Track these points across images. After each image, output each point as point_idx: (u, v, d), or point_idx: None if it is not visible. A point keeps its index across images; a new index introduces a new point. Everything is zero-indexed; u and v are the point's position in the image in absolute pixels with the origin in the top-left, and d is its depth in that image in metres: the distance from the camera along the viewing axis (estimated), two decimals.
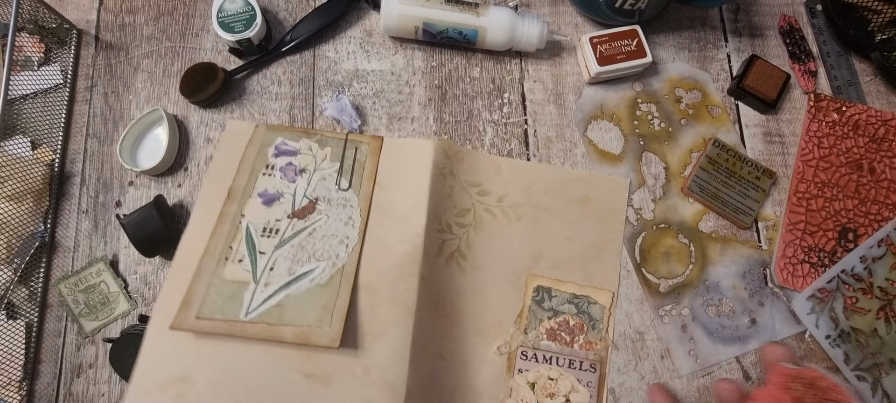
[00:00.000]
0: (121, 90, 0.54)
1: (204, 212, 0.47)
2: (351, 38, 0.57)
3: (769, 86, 0.54)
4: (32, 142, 0.52)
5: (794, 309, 0.50)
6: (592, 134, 0.54)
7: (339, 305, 0.43)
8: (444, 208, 0.49)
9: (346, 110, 0.52)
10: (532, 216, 0.50)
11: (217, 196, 0.48)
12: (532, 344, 0.47)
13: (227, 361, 0.42)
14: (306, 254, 0.46)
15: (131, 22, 0.56)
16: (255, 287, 0.44)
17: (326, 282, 0.44)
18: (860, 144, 0.53)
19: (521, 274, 0.49)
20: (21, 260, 0.48)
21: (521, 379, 0.46)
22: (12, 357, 0.47)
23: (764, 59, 0.55)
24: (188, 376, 0.41)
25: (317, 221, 0.47)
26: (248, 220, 0.47)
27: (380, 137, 0.51)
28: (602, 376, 0.47)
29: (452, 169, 0.50)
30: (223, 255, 0.45)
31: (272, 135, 0.51)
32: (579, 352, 0.47)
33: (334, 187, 0.49)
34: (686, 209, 0.52)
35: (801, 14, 0.59)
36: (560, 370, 0.47)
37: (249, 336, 0.42)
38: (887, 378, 0.47)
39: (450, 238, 0.48)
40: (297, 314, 0.42)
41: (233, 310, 0.42)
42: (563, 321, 0.48)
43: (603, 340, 0.48)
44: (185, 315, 0.42)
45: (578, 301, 0.49)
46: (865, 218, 0.52)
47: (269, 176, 0.49)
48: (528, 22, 0.53)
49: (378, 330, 0.43)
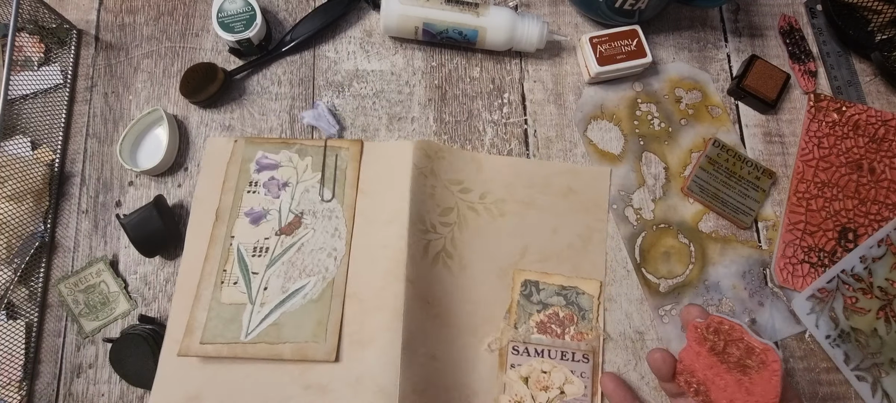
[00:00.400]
0: (121, 90, 0.54)
1: (196, 236, 0.48)
2: (351, 38, 0.57)
3: (769, 87, 0.54)
4: (32, 142, 0.52)
5: (793, 309, 0.50)
6: (592, 134, 0.54)
7: (332, 319, 0.45)
8: (427, 208, 0.49)
9: (323, 117, 0.52)
10: (516, 211, 0.51)
11: (206, 218, 0.49)
12: (523, 339, 0.47)
13: (232, 379, 0.44)
14: (297, 271, 0.47)
15: (131, 22, 0.56)
16: (251, 308, 0.46)
17: (318, 297, 0.46)
18: (860, 144, 0.53)
19: (507, 269, 0.49)
20: (21, 260, 0.48)
21: (513, 374, 0.46)
22: (12, 357, 0.47)
23: (764, 59, 0.55)
24: (199, 396, 0.44)
25: (304, 236, 0.48)
26: (238, 241, 0.48)
27: (359, 141, 0.52)
28: (595, 366, 0.47)
29: (433, 168, 0.50)
30: (219, 279, 0.47)
31: (252, 150, 0.51)
32: (571, 344, 0.47)
33: (318, 199, 0.49)
34: (686, 209, 0.52)
35: (801, 14, 0.59)
36: (552, 362, 0.47)
37: (251, 356, 0.44)
38: (887, 378, 0.47)
39: (435, 238, 0.48)
40: (294, 331, 0.45)
41: (233, 333, 0.45)
42: (553, 313, 0.48)
43: (594, 330, 0.48)
44: (190, 341, 0.44)
45: (567, 292, 0.49)
46: (865, 218, 0.52)
47: (254, 193, 0.49)
48: (528, 22, 0.53)
49: (367, 337, 0.45)
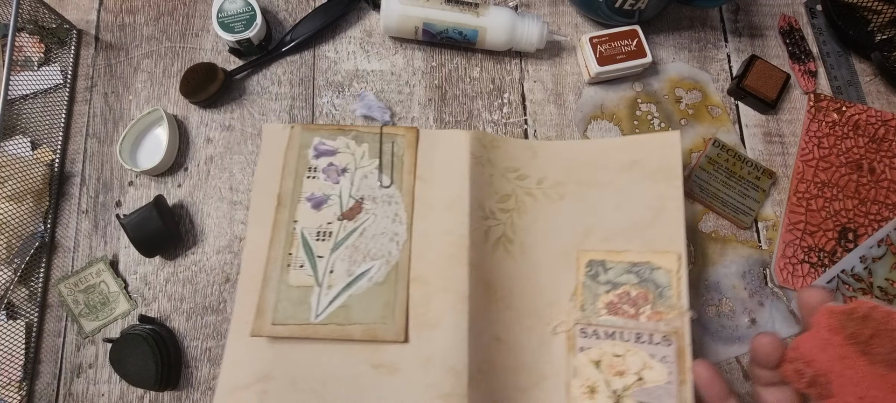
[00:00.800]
0: (121, 90, 0.54)
1: (258, 221, 0.49)
2: (351, 39, 0.57)
3: (769, 86, 0.54)
4: (32, 142, 0.52)
5: (794, 309, 0.50)
6: (592, 134, 0.54)
7: (399, 301, 0.46)
8: (485, 195, 0.49)
9: (374, 106, 0.52)
10: (576, 192, 0.50)
11: (267, 203, 0.49)
12: (590, 321, 0.44)
13: (303, 358, 0.45)
14: (361, 255, 0.47)
15: (131, 22, 0.57)
16: (319, 290, 0.46)
17: (383, 280, 0.46)
18: (860, 144, 0.53)
19: (570, 251, 0.47)
20: (21, 260, 0.48)
21: (583, 358, 0.43)
22: (12, 357, 0.47)
23: (764, 59, 0.55)
24: (270, 374, 0.44)
25: (365, 221, 0.49)
26: (301, 226, 0.48)
27: (415, 128, 0.52)
28: (680, 350, 0.41)
29: (489, 157, 0.50)
30: (285, 263, 0.47)
31: (309, 136, 0.51)
32: (647, 325, 0.42)
33: (377, 185, 0.50)
34: (686, 209, 0.52)
35: (801, 14, 0.59)
36: (626, 345, 0.42)
37: (322, 336, 0.45)
38: None
39: (494, 224, 0.49)
40: (362, 313, 0.46)
41: (303, 314, 0.45)
42: (624, 293, 0.44)
43: (675, 308, 0.42)
44: (262, 322, 0.45)
45: (639, 269, 0.44)
46: (865, 218, 0.52)
47: (314, 178, 0.50)
48: (528, 22, 0.53)
49: (434, 319, 0.45)
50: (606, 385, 0.42)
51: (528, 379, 0.45)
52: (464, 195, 0.47)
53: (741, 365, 0.48)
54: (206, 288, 0.50)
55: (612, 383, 0.42)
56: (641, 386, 0.41)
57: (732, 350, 0.49)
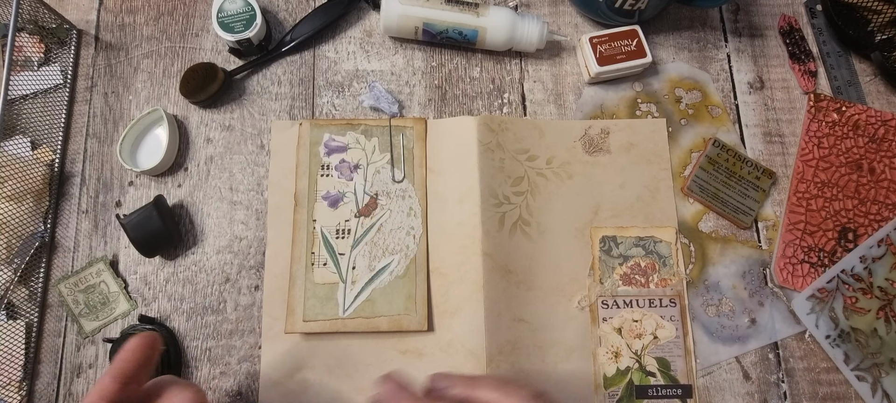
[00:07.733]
0: (121, 90, 0.54)
1: (277, 222, 0.50)
2: (351, 39, 0.57)
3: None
4: (32, 142, 0.52)
5: (793, 309, 0.50)
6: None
7: (420, 293, 0.48)
8: (498, 182, 0.50)
9: (382, 97, 0.53)
10: (583, 171, 0.52)
11: (284, 203, 0.51)
12: (610, 293, 0.49)
13: (336, 348, 0.48)
14: (380, 250, 0.49)
15: (131, 22, 0.56)
16: (344, 286, 0.48)
17: (404, 274, 0.49)
18: (860, 144, 0.53)
19: (584, 228, 0.51)
20: (21, 260, 0.48)
21: (607, 327, 0.48)
22: (12, 357, 0.47)
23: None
24: (307, 364, 0.48)
25: (382, 217, 0.50)
26: (320, 224, 0.50)
27: (423, 119, 0.53)
28: (682, 308, 0.49)
29: (499, 141, 0.52)
30: (309, 262, 0.49)
31: (318, 132, 0.52)
32: (656, 290, 0.49)
33: (389, 179, 0.51)
34: (686, 209, 0.52)
35: (801, 14, 0.59)
36: (642, 311, 0.49)
37: (351, 330, 0.47)
38: (887, 378, 0.47)
39: (510, 208, 0.50)
40: (387, 305, 0.48)
41: (332, 310, 0.48)
42: (635, 264, 0.50)
43: (676, 274, 0.50)
44: (294, 320, 0.47)
45: (644, 242, 0.50)
46: (865, 218, 0.52)
47: (328, 176, 0.51)
48: (528, 22, 0.53)
49: (453, 307, 0.48)
50: (628, 347, 0.48)
51: (556, 353, 0.48)
52: (474, 187, 0.49)
53: (741, 365, 0.48)
54: (206, 288, 0.50)
55: (633, 345, 0.48)
56: (656, 344, 0.48)
57: (732, 350, 0.49)
